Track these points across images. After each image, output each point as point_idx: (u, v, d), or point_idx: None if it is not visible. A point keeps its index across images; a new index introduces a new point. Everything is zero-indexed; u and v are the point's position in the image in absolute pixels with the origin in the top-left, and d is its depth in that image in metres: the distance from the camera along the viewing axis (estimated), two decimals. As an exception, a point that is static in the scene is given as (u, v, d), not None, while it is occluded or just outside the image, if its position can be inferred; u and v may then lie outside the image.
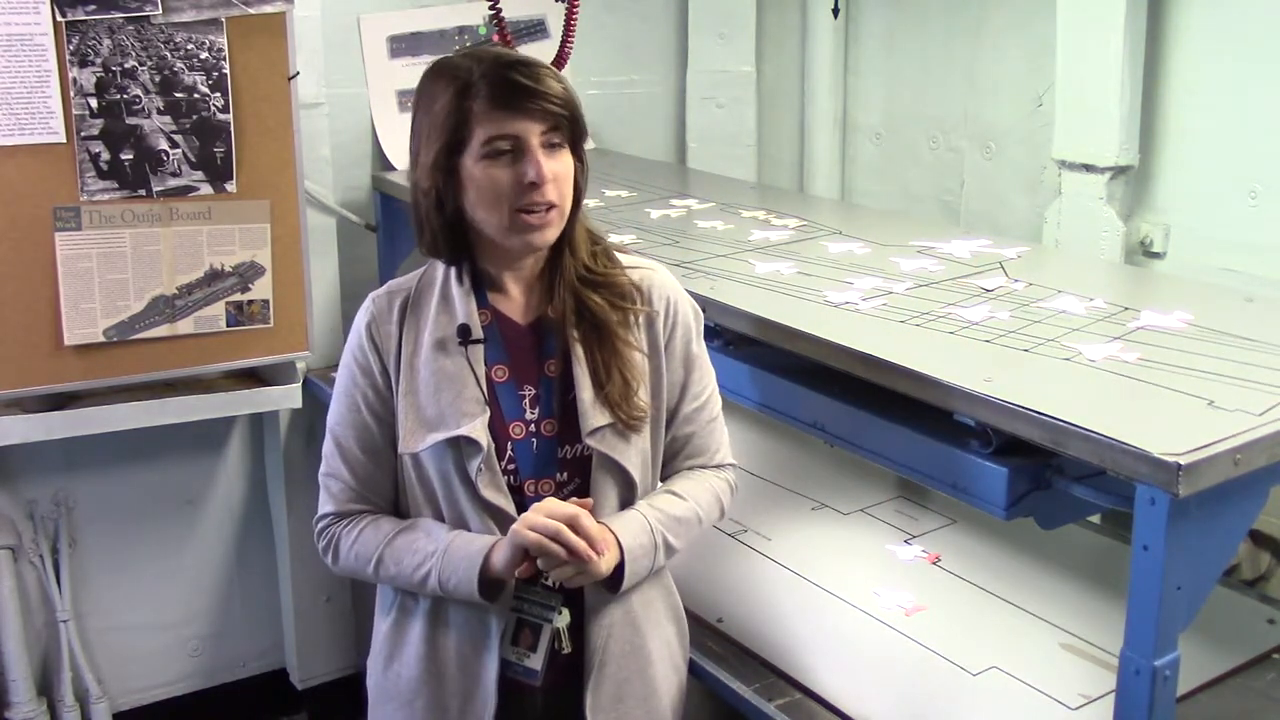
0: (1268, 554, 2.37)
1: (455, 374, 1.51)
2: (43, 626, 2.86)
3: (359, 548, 1.55)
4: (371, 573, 1.55)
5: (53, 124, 2.27)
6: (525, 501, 1.52)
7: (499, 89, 1.44)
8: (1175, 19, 2.57)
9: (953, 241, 2.22)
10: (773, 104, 3.58)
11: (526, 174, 1.44)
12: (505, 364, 1.54)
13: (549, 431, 1.54)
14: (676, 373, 1.61)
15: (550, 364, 1.56)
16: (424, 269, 1.60)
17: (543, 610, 1.54)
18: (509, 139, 1.44)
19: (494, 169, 1.45)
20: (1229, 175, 2.51)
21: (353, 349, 1.57)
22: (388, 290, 1.59)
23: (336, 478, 1.57)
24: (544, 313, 1.56)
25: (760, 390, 1.95)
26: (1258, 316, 1.80)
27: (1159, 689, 1.34)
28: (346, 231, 3.02)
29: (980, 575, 2.03)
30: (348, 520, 1.57)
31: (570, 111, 1.48)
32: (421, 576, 1.50)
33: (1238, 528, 1.41)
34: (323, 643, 3.06)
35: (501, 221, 1.47)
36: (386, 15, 3.02)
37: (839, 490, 2.37)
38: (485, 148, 1.45)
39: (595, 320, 1.54)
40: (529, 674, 1.53)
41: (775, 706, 1.70)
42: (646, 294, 1.59)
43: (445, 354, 1.52)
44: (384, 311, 1.56)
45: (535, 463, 1.54)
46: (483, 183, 1.46)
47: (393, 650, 1.60)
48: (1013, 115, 3.02)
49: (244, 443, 3.07)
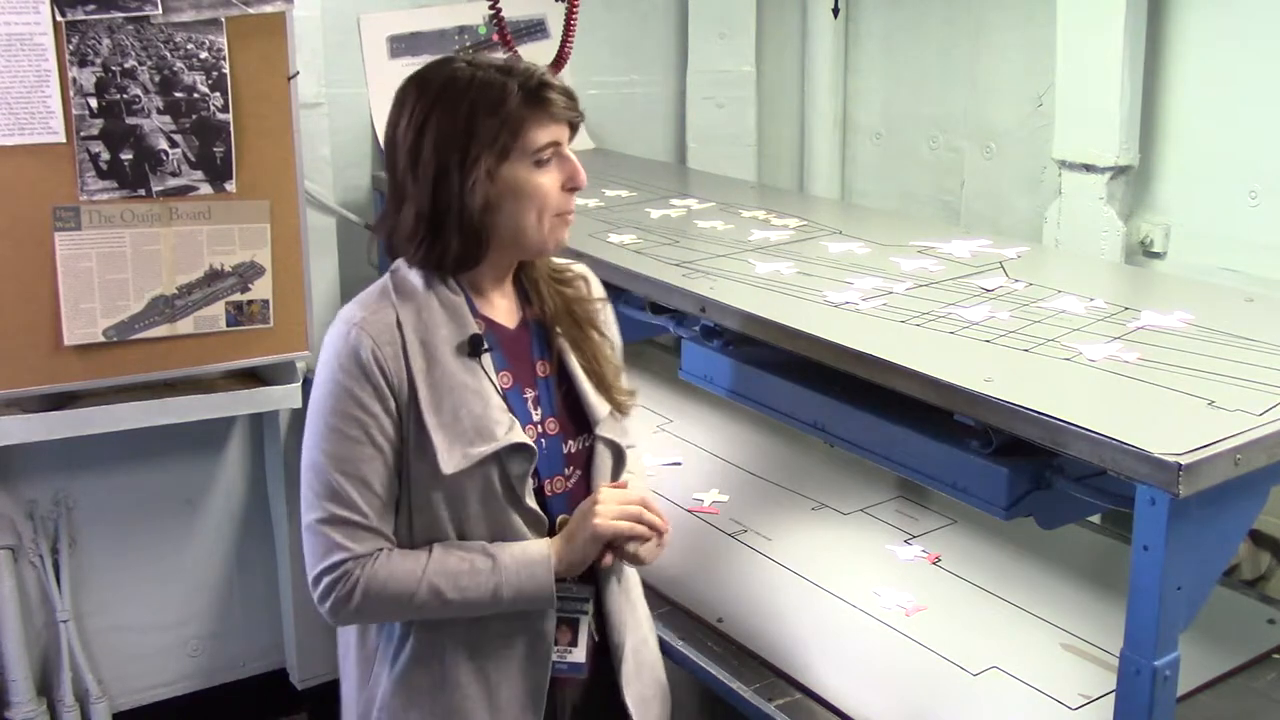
0: (1268, 554, 2.37)
1: (476, 386, 1.49)
2: (43, 626, 2.86)
3: (396, 585, 1.45)
4: (418, 605, 1.46)
5: (52, 124, 2.27)
6: (547, 502, 1.53)
7: (542, 99, 1.47)
8: (1175, 19, 2.57)
9: (953, 241, 2.22)
10: (773, 104, 3.58)
11: (576, 177, 1.50)
12: (508, 370, 1.54)
13: (554, 430, 1.56)
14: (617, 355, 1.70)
15: (542, 364, 1.58)
16: (387, 282, 1.52)
17: (576, 604, 1.56)
18: (552, 146, 1.49)
19: (543, 175, 1.48)
20: (1229, 175, 2.51)
21: (350, 376, 1.45)
22: (368, 310, 1.49)
23: (345, 520, 1.45)
24: (523, 316, 1.59)
25: (760, 390, 1.95)
26: (1258, 316, 1.80)
27: (1159, 689, 1.34)
28: (346, 231, 3.02)
29: (980, 575, 2.03)
30: (368, 561, 1.46)
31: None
32: (490, 593, 1.45)
33: (1238, 528, 1.41)
34: (323, 643, 3.05)
35: (543, 225, 1.50)
36: (386, 15, 3.02)
37: (839, 490, 2.37)
38: (538, 155, 1.47)
39: (575, 316, 1.61)
40: (575, 669, 1.55)
41: (775, 706, 1.70)
42: (591, 286, 1.67)
43: (461, 367, 1.49)
44: (380, 332, 1.46)
45: (548, 462, 1.55)
46: (533, 189, 1.48)
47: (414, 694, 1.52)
48: (1013, 115, 3.02)
49: (244, 443, 3.07)
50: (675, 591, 2.02)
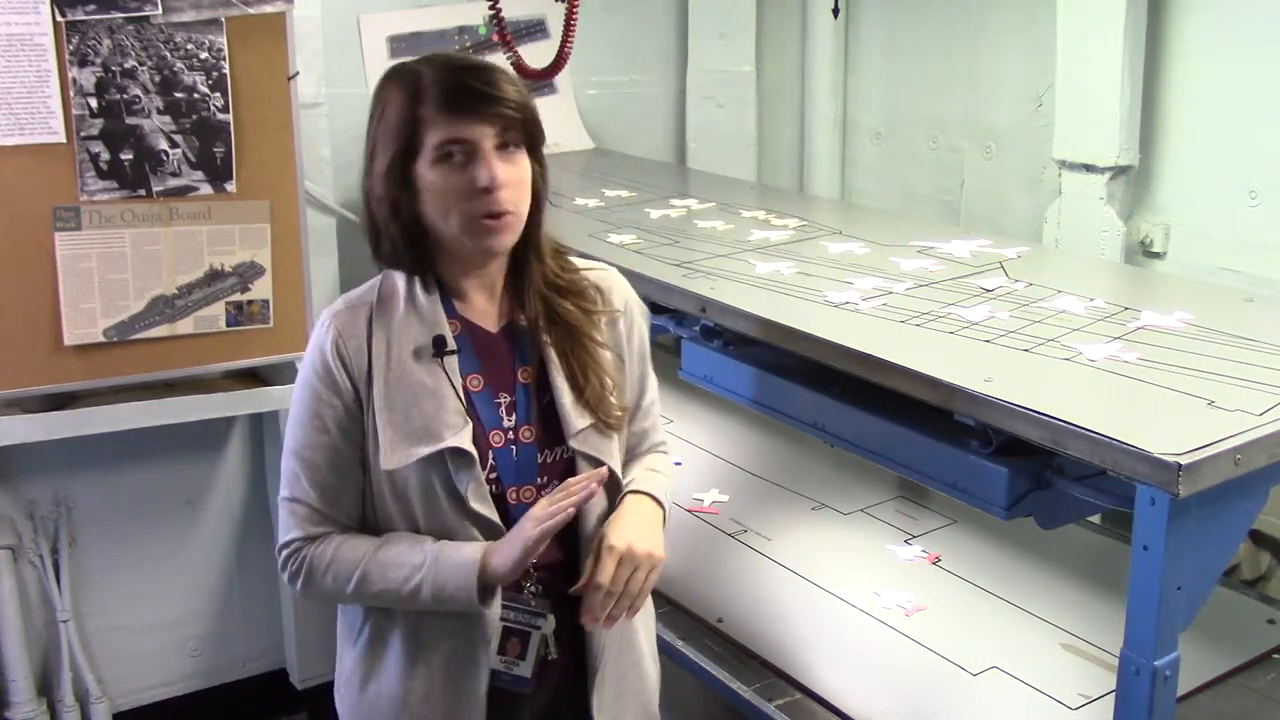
0: (1268, 554, 2.37)
1: (434, 386, 1.49)
2: (43, 626, 2.86)
3: (336, 568, 1.49)
4: (352, 592, 1.49)
5: (53, 124, 2.27)
6: (508, 509, 1.51)
7: (450, 93, 1.43)
8: (1175, 19, 2.57)
9: (953, 241, 2.22)
10: (773, 104, 3.58)
11: (479, 178, 1.43)
12: (479, 373, 1.53)
13: (528, 438, 1.53)
14: (635, 370, 1.64)
15: (524, 370, 1.55)
16: (378, 281, 1.55)
17: (530, 617, 1.52)
18: (461, 143, 1.43)
19: (447, 174, 1.44)
20: (1229, 175, 2.51)
21: (314, 367, 1.50)
22: (347, 305, 1.53)
23: (302, 502, 1.50)
24: (513, 319, 1.56)
25: (760, 390, 1.95)
26: (1258, 316, 1.80)
27: (1159, 689, 1.34)
28: (346, 231, 3.02)
29: (980, 575, 2.03)
30: (318, 542, 1.51)
31: (524, 114, 1.47)
32: (412, 589, 1.47)
33: (1238, 528, 1.41)
34: (323, 643, 3.05)
35: (456, 227, 1.46)
36: (386, 15, 3.02)
37: (839, 490, 2.37)
38: (437, 152, 1.43)
39: (566, 324, 1.55)
40: (519, 682, 1.51)
41: (775, 706, 1.70)
42: (608, 295, 1.62)
43: (421, 366, 1.49)
44: (348, 326, 1.50)
45: (516, 470, 1.53)
46: (436, 188, 1.44)
47: (368, 672, 1.55)
48: (1013, 115, 3.03)
49: (244, 443, 3.07)
50: (675, 591, 2.02)
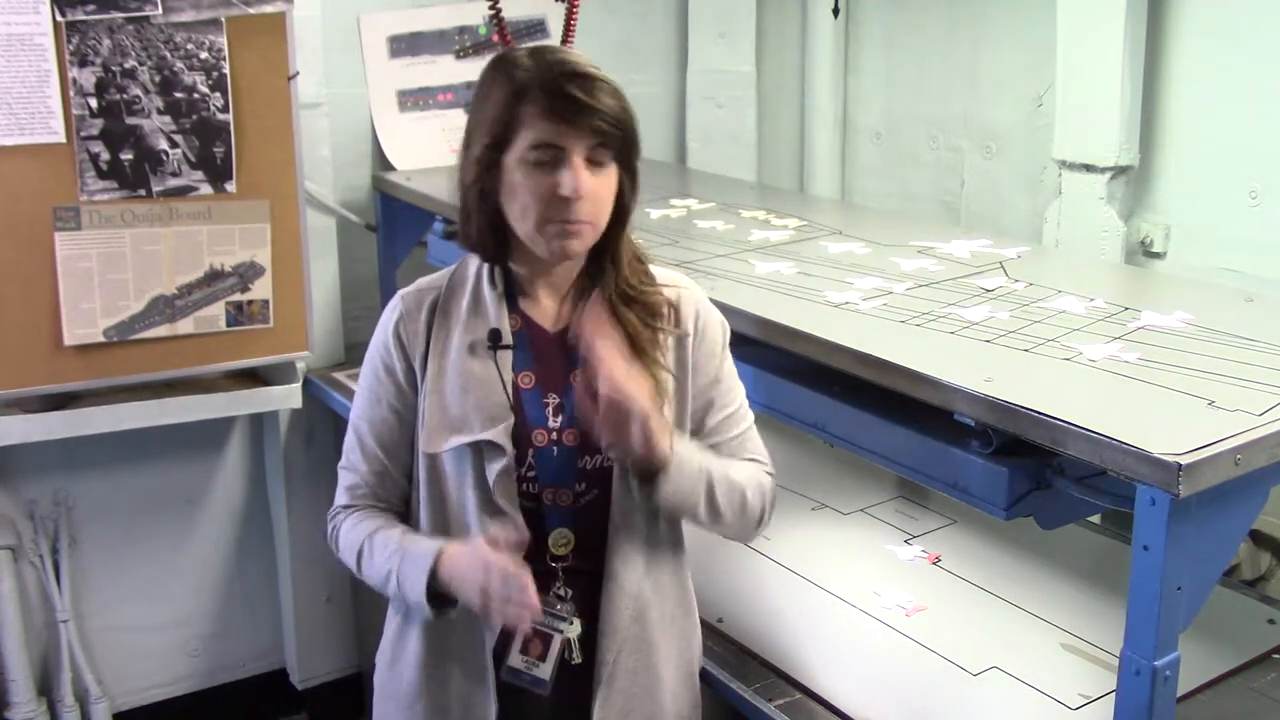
0: (1268, 554, 2.37)
1: (483, 378, 1.51)
2: (43, 626, 2.86)
3: (348, 541, 1.56)
4: (359, 570, 1.56)
5: (53, 124, 2.27)
6: (543, 509, 1.52)
7: (552, 98, 1.43)
8: (1175, 19, 2.57)
9: (953, 241, 2.22)
10: (773, 104, 3.58)
11: (563, 185, 1.43)
12: (532, 370, 1.54)
13: (570, 441, 1.53)
14: (703, 390, 1.60)
15: (577, 374, 1.53)
16: (454, 268, 1.60)
17: (554, 620, 1.52)
18: (552, 148, 1.44)
19: (533, 173, 1.44)
20: (1229, 175, 2.51)
21: (378, 345, 1.57)
22: (417, 288, 1.58)
23: (352, 470, 1.58)
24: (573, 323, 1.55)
25: (761, 390, 1.95)
26: (1258, 316, 1.80)
27: (1159, 689, 1.34)
28: (346, 231, 3.02)
29: (980, 575, 2.03)
30: (352, 513, 1.58)
31: (621, 128, 1.49)
32: (384, 577, 1.50)
33: (1238, 528, 1.41)
34: (323, 643, 3.05)
35: (531, 226, 1.47)
36: (386, 15, 3.02)
37: (839, 490, 2.37)
38: (528, 151, 1.44)
39: (626, 336, 1.53)
40: (537, 684, 1.51)
41: (775, 706, 1.70)
42: (680, 312, 1.59)
43: (474, 357, 1.51)
44: (413, 309, 1.55)
45: (555, 471, 1.53)
46: (519, 185, 1.45)
47: (396, 650, 1.60)
48: (1013, 115, 3.02)
49: (244, 443, 3.07)
50: (675, 591, 2.01)
